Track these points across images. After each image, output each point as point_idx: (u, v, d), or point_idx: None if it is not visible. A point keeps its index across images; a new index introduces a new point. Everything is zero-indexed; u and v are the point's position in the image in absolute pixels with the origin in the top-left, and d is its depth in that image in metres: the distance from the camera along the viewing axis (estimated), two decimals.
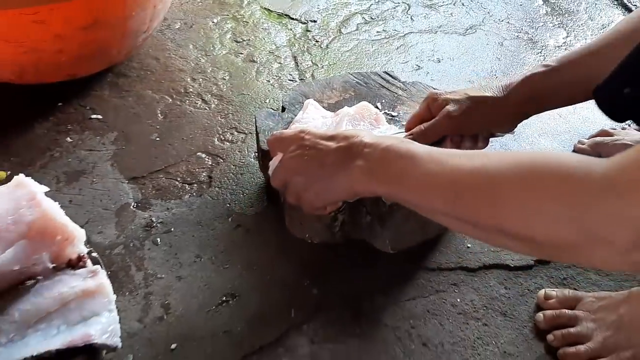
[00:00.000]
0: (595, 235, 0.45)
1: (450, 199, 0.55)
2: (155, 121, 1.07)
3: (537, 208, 0.48)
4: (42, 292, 0.69)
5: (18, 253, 0.69)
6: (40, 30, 0.93)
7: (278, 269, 0.82)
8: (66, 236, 0.72)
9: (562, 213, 0.47)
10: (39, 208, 0.72)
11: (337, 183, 0.63)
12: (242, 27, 1.32)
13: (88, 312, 0.69)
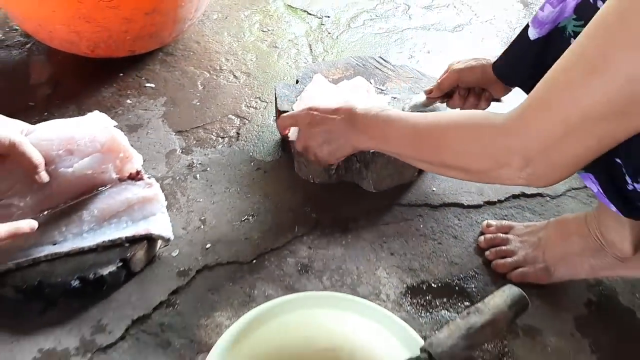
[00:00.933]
0: (500, 162, 0.70)
1: (413, 147, 0.81)
2: (195, 90, 1.33)
3: (464, 148, 0.73)
4: (113, 196, 0.95)
5: (92, 161, 0.94)
6: (113, 14, 1.19)
7: (287, 199, 1.07)
8: (127, 155, 0.97)
9: (479, 150, 0.72)
10: (109, 133, 0.97)
11: (344, 144, 0.90)
12: (267, 19, 1.58)
13: (147, 212, 0.95)
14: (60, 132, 0.97)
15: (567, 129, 0.60)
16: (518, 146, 0.67)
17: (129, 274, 0.92)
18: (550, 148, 0.63)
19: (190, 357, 0.84)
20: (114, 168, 0.96)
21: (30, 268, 0.88)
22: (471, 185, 1.11)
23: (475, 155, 0.73)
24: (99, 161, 0.95)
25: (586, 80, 0.57)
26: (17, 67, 1.38)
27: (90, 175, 0.95)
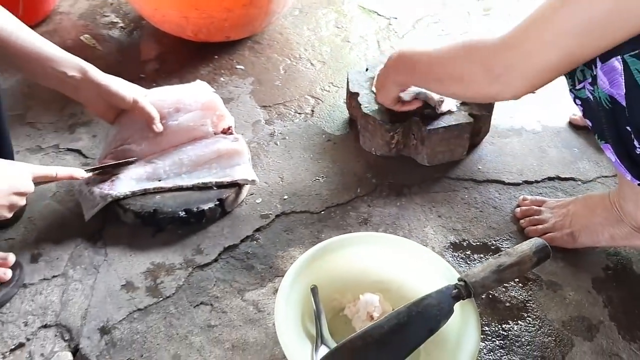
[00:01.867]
0: (496, 74, 0.84)
1: (427, 68, 0.99)
2: (278, 74, 1.52)
3: (467, 63, 0.89)
4: (208, 146, 1.16)
5: (194, 116, 1.17)
6: (217, 4, 1.40)
7: (351, 166, 1.25)
8: (221, 113, 1.19)
9: (478, 63, 0.87)
10: (208, 95, 1.19)
11: (389, 85, 1.11)
12: (342, 17, 1.77)
13: (233, 162, 1.15)
14: (170, 94, 1.19)
15: (543, 44, 0.77)
16: (515, 60, 0.81)
17: (223, 212, 1.12)
18: (526, 60, 0.79)
19: (269, 279, 1.02)
20: (210, 123, 1.17)
21: (146, 200, 1.09)
22: (512, 166, 1.26)
23: (475, 69, 0.88)
24: (199, 117, 1.17)
25: (563, 2, 0.74)
26: (131, 46, 1.62)
27: (192, 127, 1.16)
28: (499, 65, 0.84)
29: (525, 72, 0.82)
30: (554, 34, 0.76)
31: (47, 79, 1.05)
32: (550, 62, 0.79)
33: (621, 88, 0.76)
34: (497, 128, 1.35)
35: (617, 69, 0.75)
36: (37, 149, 1.28)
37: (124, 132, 1.16)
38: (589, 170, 1.25)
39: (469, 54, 0.89)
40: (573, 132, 1.35)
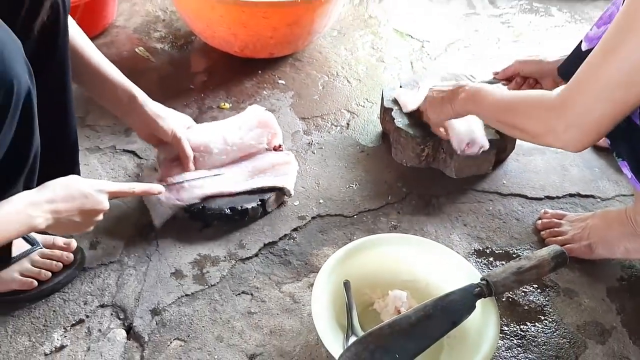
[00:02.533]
0: (559, 133, 0.92)
1: (493, 112, 1.05)
2: (317, 89, 1.62)
3: (528, 117, 0.96)
4: (264, 159, 1.26)
5: (254, 134, 1.26)
6: (264, 23, 1.50)
7: (383, 175, 1.33)
8: (274, 130, 1.28)
9: (538, 119, 0.94)
10: (262, 114, 1.29)
11: (448, 109, 1.16)
12: (378, 39, 1.86)
13: (285, 172, 1.24)
14: (220, 129, 1.29)
15: (594, 99, 0.83)
16: (563, 120, 0.89)
17: (264, 212, 1.21)
18: (582, 117, 0.85)
19: (304, 274, 1.10)
20: (266, 140, 1.27)
21: None
22: (535, 182, 1.32)
23: (535, 123, 0.95)
24: (258, 135, 1.27)
25: (604, 58, 0.80)
26: (181, 59, 1.73)
27: (252, 145, 1.27)
28: (560, 125, 0.89)
29: (584, 129, 0.88)
30: (602, 89, 0.82)
31: (103, 99, 1.15)
32: (605, 116, 0.85)
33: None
34: (522, 146, 1.42)
35: None
36: (95, 149, 1.38)
37: (191, 142, 1.24)
38: (608, 189, 1.31)
39: (531, 112, 0.95)
40: (594, 152, 1.41)
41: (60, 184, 0.91)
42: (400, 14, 2.00)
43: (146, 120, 1.16)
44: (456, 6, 2.08)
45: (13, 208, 0.82)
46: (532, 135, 0.96)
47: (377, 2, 2.08)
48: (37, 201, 0.85)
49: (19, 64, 0.77)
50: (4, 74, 0.74)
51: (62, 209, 0.88)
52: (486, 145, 1.26)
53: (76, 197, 0.91)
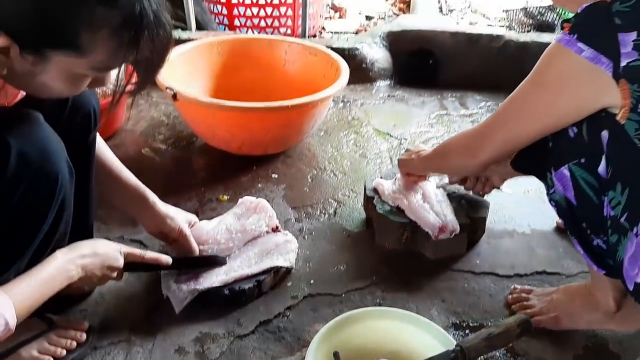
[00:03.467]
0: (472, 160, 1.11)
1: (434, 162, 1.29)
2: (306, 181, 1.77)
3: (453, 154, 1.17)
4: (268, 241, 1.38)
5: (252, 219, 1.38)
6: (260, 124, 1.68)
7: (368, 257, 1.44)
8: (269, 213, 1.41)
9: (461, 152, 1.15)
10: (255, 201, 1.42)
11: (415, 167, 1.38)
12: (360, 137, 2.04)
13: (285, 251, 1.35)
14: (218, 223, 1.41)
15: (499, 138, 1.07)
16: (479, 154, 1.13)
17: (260, 292, 1.31)
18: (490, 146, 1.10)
19: (297, 349, 1.19)
20: (264, 224, 1.39)
21: None
22: (505, 262, 1.44)
23: (459, 157, 1.21)
24: (256, 220, 1.39)
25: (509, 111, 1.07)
26: (183, 157, 1.89)
27: (253, 230, 1.39)
28: (475, 157, 1.15)
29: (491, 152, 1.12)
30: (507, 134, 1.09)
31: (115, 197, 1.27)
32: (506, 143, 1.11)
33: (571, 191, 0.97)
34: (492, 230, 1.55)
35: (566, 175, 0.97)
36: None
37: (200, 236, 1.36)
38: (572, 266, 1.43)
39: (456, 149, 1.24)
40: (558, 235, 1.54)
41: (87, 243, 1.05)
42: (380, 115, 2.21)
43: (155, 218, 1.28)
44: (430, 108, 2.29)
45: (55, 266, 0.96)
46: (461, 165, 1.23)
47: (359, 105, 2.29)
48: (71, 258, 0.99)
49: (62, 162, 0.91)
50: (51, 170, 0.88)
51: (89, 263, 1.02)
52: (457, 229, 1.39)
53: (100, 254, 1.05)
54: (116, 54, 0.82)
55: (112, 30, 0.79)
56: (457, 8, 4.12)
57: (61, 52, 0.79)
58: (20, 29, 0.76)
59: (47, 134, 0.90)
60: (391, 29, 2.53)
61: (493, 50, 2.48)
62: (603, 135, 0.93)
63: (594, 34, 0.89)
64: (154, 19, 0.81)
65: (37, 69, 0.80)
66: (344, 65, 1.86)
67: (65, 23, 0.76)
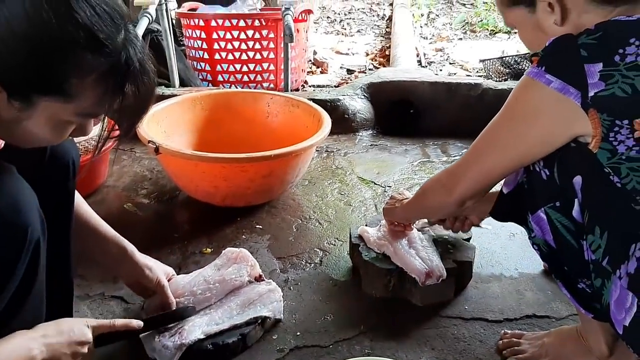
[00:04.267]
0: (448, 199, 1.11)
1: (410, 209, 1.29)
2: (291, 231, 1.75)
3: (430, 193, 1.17)
4: (250, 291, 1.34)
5: (233, 270, 1.35)
6: (242, 176, 1.67)
7: (355, 306, 1.41)
8: (251, 262, 1.38)
9: (437, 191, 1.15)
10: (240, 251, 1.39)
11: (398, 216, 1.38)
12: (344, 186, 2.04)
13: (269, 301, 1.32)
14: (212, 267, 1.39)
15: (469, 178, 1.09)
16: (454, 194, 1.13)
17: (244, 346, 1.26)
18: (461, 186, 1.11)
19: None
20: (246, 273, 1.36)
21: None
22: (494, 306, 1.41)
23: (435, 200, 1.22)
24: (237, 269, 1.36)
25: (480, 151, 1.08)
26: (167, 211, 1.87)
27: (233, 279, 1.35)
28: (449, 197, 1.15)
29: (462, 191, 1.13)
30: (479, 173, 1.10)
31: (94, 251, 1.24)
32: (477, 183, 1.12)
33: (550, 234, 0.96)
34: (480, 274, 1.53)
35: (543, 219, 0.97)
36: (85, 296, 1.45)
37: (176, 290, 1.33)
38: (561, 309, 1.40)
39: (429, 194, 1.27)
40: (546, 277, 1.52)
41: (51, 323, 0.98)
42: (364, 164, 2.22)
43: (134, 269, 1.26)
44: (413, 156, 2.31)
45: (15, 343, 0.89)
46: (436, 207, 1.26)
47: (342, 155, 2.30)
48: (33, 336, 0.92)
49: (33, 213, 0.88)
50: (20, 222, 0.85)
51: (55, 342, 0.94)
52: (444, 274, 1.37)
53: (65, 332, 0.97)
54: (102, 100, 0.82)
55: (99, 76, 0.79)
56: (436, 60, 4.24)
57: (49, 98, 0.79)
58: (10, 76, 0.76)
59: (19, 186, 0.88)
60: (372, 81, 2.58)
61: (472, 98, 2.53)
62: (576, 181, 0.93)
63: (561, 65, 0.91)
64: (139, 66, 0.83)
65: (23, 115, 0.80)
66: (326, 116, 1.88)
67: (56, 69, 0.76)
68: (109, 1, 0.79)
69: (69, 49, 0.76)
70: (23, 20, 0.73)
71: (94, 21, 0.76)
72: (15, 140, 0.87)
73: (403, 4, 5.53)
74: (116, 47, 0.79)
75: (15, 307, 0.94)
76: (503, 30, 5.05)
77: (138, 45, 0.83)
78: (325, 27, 5.39)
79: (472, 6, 6.04)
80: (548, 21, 0.99)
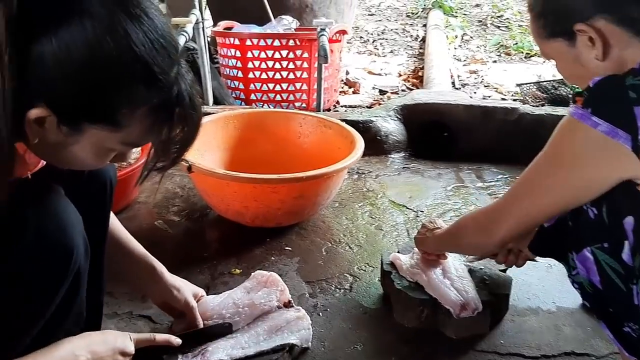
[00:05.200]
0: (488, 240, 1.08)
1: (445, 243, 1.26)
2: (320, 254, 1.72)
3: (467, 233, 1.13)
4: (278, 317, 1.32)
5: (262, 294, 1.33)
6: (273, 196, 1.66)
7: (386, 336, 1.37)
8: (281, 287, 1.36)
9: (475, 232, 1.12)
10: (266, 275, 1.37)
11: (429, 247, 1.36)
12: (375, 209, 2.01)
13: (297, 328, 1.29)
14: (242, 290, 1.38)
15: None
16: (493, 235, 1.11)
17: None
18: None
19: None
20: (275, 298, 1.33)
21: None
22: (531, 342, 1.36)
23: (473, 239, 1.20)
24: (266, 294, 1.34)
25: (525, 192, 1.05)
26: (196, 229, 1.87)
27: (262, 304, 1.33)
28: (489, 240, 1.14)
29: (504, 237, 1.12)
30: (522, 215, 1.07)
31: (124, 269, 1.25)
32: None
33: (596, 275, 0.92)
34: (516, 307, 1.48)
35: (589, 258, 0.92)
36: (113, 314, 1.44)
37: (205, 311, 1.31)
38: (601, 346, 1.34)
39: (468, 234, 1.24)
40: (585, 312, 1.46)
41: (95, 332, 1.03)
42: (395, 187, 2.18)
43: (163, 290, 1.25)
44: (446, 180, 2.27)
45: (63, 349, 0.93)
46: (475, 246, 1.22)
47: (373, 177, 2.27)
48: (80, 345, 0.96)
49: (78, 236, 0.89)
50: (66, 242, 0.87)
51: (99, 350, 0.98)
52: (480, 306, 1.32)
53: (109, 341, 1.01)
54: (149, 132, 0.83)
55: (150, 109, 0.80)
56: (470, 82, 4.20)
57: (98, 126, 0.79)
58: (62, 103, 0.76)
59: (66, 208, 0.90)
60: (405, 102, 2.55)
61: (508, 123, 2.48)
62: (627, 222, 0.89)
63: (608, 107, 0.87)
64: (189, 101, 0.83)
65: (70, 140, 0.80)
66: (359, 137, 1.86)
67: (109, 100, 0.77)
68: (166, 35, 0.79)
69: (124, 81, 0.76)
70: (83, 48, 0.73)
71: (152, 55, 0.76)
72: (57, 162, 0.88)
73: (437, 25, 5.51)
74: (169, 81, 0.80)
75: (52, 328, 0.95)
76: (539, 54, 4.98)
77: (189, 80, 0.83)
78: (357, 47, 5.40)
79: (507, 29, 5.98)
80: (589, 55, 0.96)
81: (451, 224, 1.34)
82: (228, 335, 1.27)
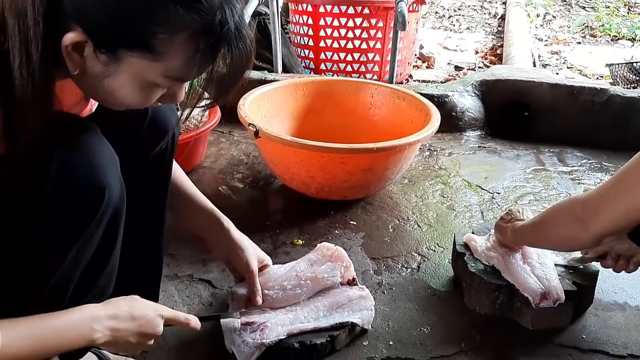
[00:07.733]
0: (583, 233, 1.00)
1: (534, 234, 1.17)
2: (387, 231, 1.65)
3: (557, 225, 1.05)
4: (340, 294, 1.26)
5: (326, 268, 1.27)
6: (340, 167, 1.59)
7: (456, 321, 1.29)
8: (346, 263, 1.30)
9: (568, 223, 1.03)
10: (333, 248, 1.31)
11: (507, 240, 1.27)
12: (448, 188, 1.91)
13: (359, 308, 1.23)
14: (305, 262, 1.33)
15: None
16: (589, 226, 1.01)
17: (332, 349, 1.18)
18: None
19: None
20: (339, 274, 1.27)
21: None
22: (617, 339, 1.24)
23: (567, 230, 1.09)
24: (330, 268, 1.28)
25: None
26: (260, 197, 1.83)
27: (325, 278, 1.27)
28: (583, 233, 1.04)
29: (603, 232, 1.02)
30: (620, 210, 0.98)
31: (190, 221, 1.23)
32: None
33: None
34: (601, 301, 1.36)
35: None
36: (174, 276, 1.43)
37: (267, 281, 1.27)
38: None
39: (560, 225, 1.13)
40: None
41: (124, 302, 0.90)
42: (470, 166, 2.07)
43: (228, 246, 1.23)
44: (525, 162, 2.13)
45: (77, 318, 0.82)
46: (571, 237, 1.08)
47: (446, 155, 2.16)
48: (100, 316, 0.85)
49: (112, 176, 0.81)
50: (96, 182, 0.79)
51: (122, 328, 0.87)
52: (562, 297, 1.21)
53: (137, 319, 0.89)
54: (191, 63, 0.76)
55: (189, 35, 0.73)
56: (551, 63, 3.96)
57: (135, 54, 0.74)
58: (98, 26, 0.71)
59: (99, 146, 0.82)
60: (485, 78, 2.41)
61: (596, 104, 2.30)
62: None
63: None
64: (234, 30, 0.75)
65: (109, 70, 0.75)
66: (435, 110, 1.76)
67: (144, 22, 0.71)
68: None
69: (159, 2, 0.71)
70: None
71: None
72: (100, 99, 0.83)
73: (518, 3, 5.21)
74: (212, 5, 0.73)
75: (89, 280, 0.89)
76: (627, 37, 4.64)
77: (237, 8, 0.76)
78: (432, 23, 5.21)
79: (593, 9, 5.60)
80: None
81: (536, 216, 1.22)
82: (287, 308, 1.22)
